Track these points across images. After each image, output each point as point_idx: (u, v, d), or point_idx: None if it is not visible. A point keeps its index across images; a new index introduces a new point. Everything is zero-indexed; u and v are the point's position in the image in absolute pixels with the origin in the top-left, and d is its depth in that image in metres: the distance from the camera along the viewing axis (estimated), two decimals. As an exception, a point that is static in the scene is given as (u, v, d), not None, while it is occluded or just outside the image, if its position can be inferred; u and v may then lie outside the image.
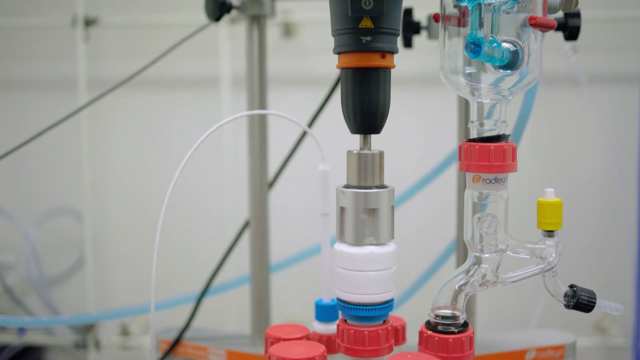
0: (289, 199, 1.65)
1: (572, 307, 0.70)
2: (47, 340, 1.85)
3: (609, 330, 1.77)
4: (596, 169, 1.80)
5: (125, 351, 1.85)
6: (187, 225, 1.85)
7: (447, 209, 1.09)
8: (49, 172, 1.90)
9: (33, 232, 1.86)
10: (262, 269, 0.98)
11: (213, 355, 0.97)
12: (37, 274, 1.88)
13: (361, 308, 0.65)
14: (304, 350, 0.64)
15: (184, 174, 1.71)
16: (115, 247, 1.89)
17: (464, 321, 0.69)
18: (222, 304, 1.63)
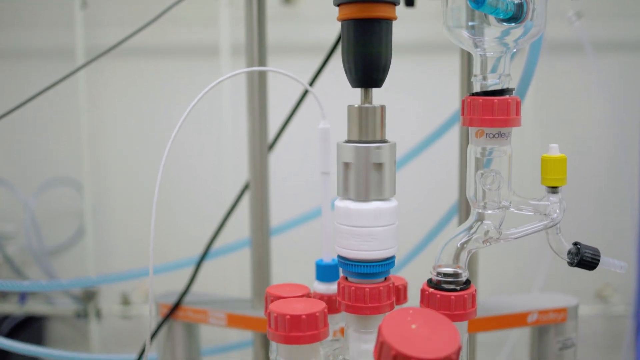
0: (289, 162, 1.64)
1: (576, 264, 0.69)
2: (48, 310, 1.85)
3: (610, 299, 1.77)
4: (599, 136, 1.79)
5: (126, 320, 1.85)
6: (187, 190, 1.83)
7: (449, 171, 1.07)
8: (48, 143, 1.89)
9: (33, 202, 1.85)
10: (263, 231, 0.97)
11: (213, 318, 0.96)
12: (38, 244, 1.87)
13: (362, 265, 0.64)
14: (304, 307, 0.63)
15: (183, 138, 1.71)
16: (115, 216, 1.89)
17: (466, 279, 0.68)
18: (222, 268, 1.62)
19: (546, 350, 0.97)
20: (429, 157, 1.16)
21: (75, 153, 1.81)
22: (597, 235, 1.71)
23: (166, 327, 1.00)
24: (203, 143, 1.81)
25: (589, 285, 1.76)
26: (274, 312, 0.62)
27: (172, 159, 1.78)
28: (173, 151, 1.73)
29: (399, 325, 0.57)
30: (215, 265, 1.26)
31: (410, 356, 0.53)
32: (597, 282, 1.80)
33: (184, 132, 1.74)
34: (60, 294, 1.85)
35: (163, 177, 0.68)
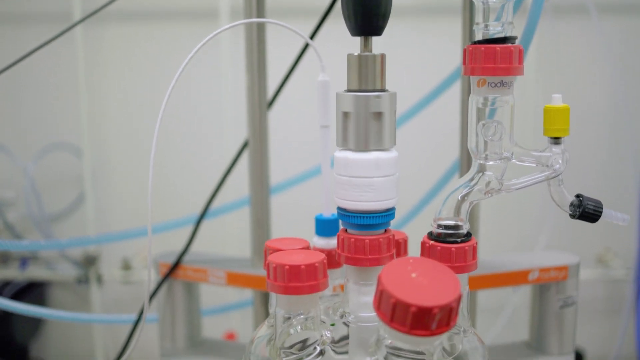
0: (289, 119, 1.62)
1: (578, 216, 0.68)
2: (49, 276, 1.85)
3: (611, 263, 1.77)
4: (602, 92, 1.77)
5: (127, 286, 1.86)
6: (187, 150, 1.82)
7: (450, 129, 1.06)
8: (47, 108, 1.88)
9: (31, 167, 1.84)
10: (262, 189, 0.96)
11: (213, 277, 0.96)
12: (38, 210, 1.87)
13: (362, 216, 0.64)
14: (303, 258, 0.62)
15: (182, 98, 1.69)
16: (115, 182, 1.88)
17: (467, 231, 0.67)
18: (222, 228, 1.62)
19: (547, 308, 0.96)
20: (431, 114, 1.14)
21: (74, 118, 1.80)
22: (599, 190, 1.70)
23: (166, 286, 0.99)
24: (202, 102, 1.79)
25: (589, 249, 1.76)
26: (272, 262, 0.62)
27: (171, 119, 1.77)
28: (172, 111, 1.73)
29: (399, 274, 0.56)
30: (215, 225, 1.26)
31: (410, 304, 0.53)
32: (597, 246, 1.80)
33: (183, 91, 1.73)
34: (60, 259, 1.85)
35: (162, 138, 0.67)
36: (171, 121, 1.78)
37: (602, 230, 1.81)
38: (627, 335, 1.71)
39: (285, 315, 0.66)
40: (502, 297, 1.74)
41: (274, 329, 0.67)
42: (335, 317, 0.68)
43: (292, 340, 0.65)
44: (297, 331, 0.65)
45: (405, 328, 0.54)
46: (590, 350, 1.76)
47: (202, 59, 1.62)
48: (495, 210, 1.70)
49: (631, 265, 1.73)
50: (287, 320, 0.65)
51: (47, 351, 2.02)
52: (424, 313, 0.53)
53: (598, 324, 1.87)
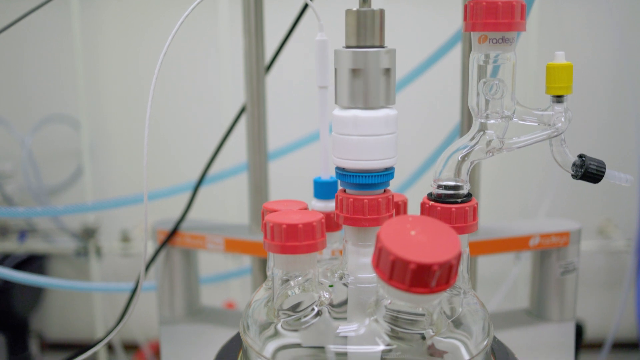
0: (288, 84, 1.60)
1: (580, 177, 0.67)
2: (48, 249, 1.85)
3: (612, 235, 1.76)
4: (605, 53, 1.74)
5: (126, 258, 1.85)
6: (184, 116, 1.81)
7: (451, 93, 1.05)
8: (44, 80, 1.86)
9: (29, 139, 1.83)
10: (260, 155, 0.95)
11: (211, 243, 0.95)
12: (36, 183, 1.86)
13: (361, 175, 0.62)
14: (301, 217, 0.61)
15: (179, 63, 1.67)
16: (113, 154, 1.87)
17: (467, 192, 0.66)
18: (221, 195, 1.61)
19: (548, 275, 0.96)
20: (432, 78, 1.12)
21: (72, 90, 1.78)
22: (602, 151, 1.68)
23: (164, 254, 0.99)
24: (199, 68, 1.77)
25: (590, 221, 1.76)
26: (270, 222, 0.61)
27: (168, 85, 1.75)
28: (169, 77, 1.71)
29: (398, 232, 0.55)
30: (213, 193, 1.25)
31: (410, 260, 0.52)
32: (598, 218, 1.79)
33: (180, 57, 1.71)
34: (59, 232, 1.84)
35: (159, 105, 0.66)
36: (168, 88, 1.76)
37: (603, 202, 1.80)
38: (627, 306, 1.71)
39: (283, 277, 0.65)
40: (503, 269, 1.73)
41: (271, 291, 0.66)
42: (334, 279, 0.67)
43: (290, 302, 0.64)
44: (295, 293, 0.64)
45: (405, 286, 0.53)
46: (590, 322, 1.76)
47: (199, 24, 1.60)
48: (496, 182, 1.69)
49: (632, 237, 1.72)
50: (285, 282, 0.65)
51: (47, 324, 2.02)
52: (423, 270, 0.52)
53: (598, 296, 1.87)
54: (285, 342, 0.64)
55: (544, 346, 0.90)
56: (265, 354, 0.63)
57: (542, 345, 0.90)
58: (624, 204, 1.78)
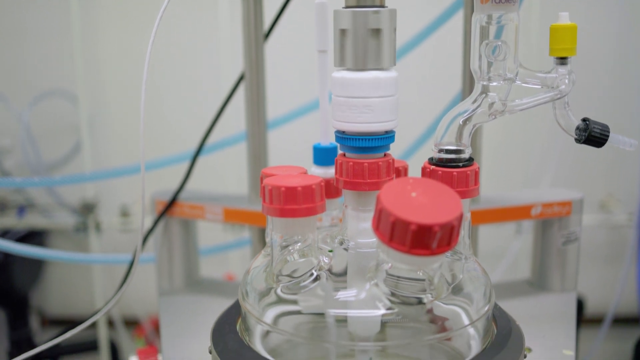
0: (287, 52, 1.58)
1: (584, 141, 0.66)
2: (47, 224, 1.84)
3: (613, 209, 1.75)
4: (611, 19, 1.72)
5: (125, 234, 1.84)
6: (182, 85, 1.78)
7: (453, 61, 1.03)
8: (41, 54, 1.84)
9: (27, 114, 1.81)
10: (259, 123, 0.94)
11: (210, 214, 0.94)
12: (35, 158, 1.85)
13: (361, 138, 0.61)
14: (300, 180, 0.60)
15: (177, 32, 1.65)
16: (112, 129, 1.86)
17: (469, 156, 0.65)
18: (220, 166, 1.59)
19: (549, 245, 0.95)
20: (435, 44, 1.10)
21: (69, 64, 1.77)
22: (606, 116, 1.65)
23: (163, 225, 0.98)
24: (198, 36, 1.75)
25: (592, 196, 1.74)
26: (269, 185, 0.60)
27: (166, 54, 1.73)
28: (167, 46, 1.69)
29: (398, 193, 0.54)
30: (212, 163, 1.24)
31: (410, 221, 0.51)
32: (600, 192, 1.78)
33: (178, 25, 1.69)
34: (58, 207, 1.84)
35: (157, 73, 0.65)
36: (166, 57, 1.74)
37: (605, 177, 1.79)
38: (628, 281, 1.71)
39: (282, 244, 0.64)
40: (504, 243, 1.73)
41: (270, 257, 0.65)
42: (333, 245, 0.66)
43: (289, 267, 0.63)
44: (294, 259, 0.63)
45: (405, 247, 0.52)
46: (591, 296, 1.75)
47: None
48: (497, 156, 1.68)
49: (634, 211, 1.71)
50: (284, 248, 0.64)
51: (47, 300, 2.02)
52: (424, 231, 0.51)
53: (599, 271, 1.87)
54: (285, 309, 0.63)
55: (545, 316, 0.89)
56: (265, 321, 0.62)
57: (543, 315, 0.89)
58: (626, 178, 1.77)
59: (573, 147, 1.65)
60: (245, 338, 0.66)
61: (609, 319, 1.68)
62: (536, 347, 0.78)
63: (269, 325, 0.62)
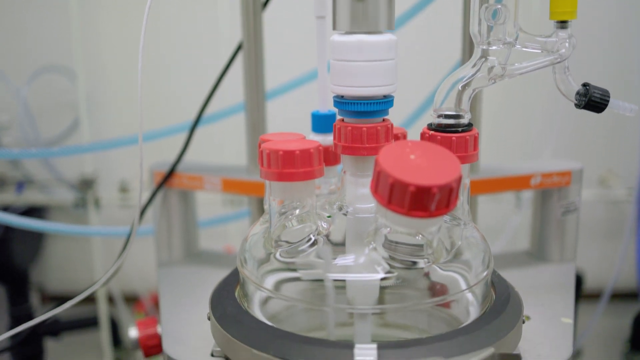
0: (285, 21, 1.56)
1: (584, 106, 0.66)
2: (46, 200, 1.84)
3: (613, 184, 1.75)
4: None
5: (125, 210, 1.84)
6: (180, 55, 1.76)
7: (453, 30, 1.02)
8: (38, 28, 1.83)
9: (25, 90, 1.80)
10: (257, 93, 0.93)
11: (209, 184, 0.94)
12: (33, 135, 1.84)
13: (359, 102, 0.61)
14: (298, 144, 0.60)
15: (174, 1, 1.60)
16: (110, 106, 1.85)
17: (468, 121, 0.65)
18: (218, 137, 1.58)
19: (549, 215, 0.95)
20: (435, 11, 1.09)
21: (66, 39, 1.75)
22: (607, 82, 1.64)
23: (161, 196, 0.98)
24: (196, 4, 1.73)
25: (592, 171, 1.74)
26: (266, 149, 0.60)
27: (164, 24, 1.71)
28: (164, 15, 1.68)
29: (397, 156, 0.54)
30: (210, 134, 1.23)
31: (409, 183, 0.51)
32: (600, 168, 1.77)
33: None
34: (57, 183, 1.83)
35: (154, 44, 0.64)
36: (164, 27, 1.72)
37: (605, 152, 1.78)
38: (627, 256, 1.70)
39: (280, 210, 0.64)
40: (503, 219, 1.72)
41: (269, 223, 0.65)
42: (332, 211, 0.66)
43: (288, 233, 0.63)
44: (292, 225, 0.63)
45: (404, 210, 0.52)
46: (590, 272, 1.75)
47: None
48: (497, 130, 1.67)
49: (633, 185, 1.71)
50: (282, 214, 0.64)
51: (47, 277, 2.02)
52: (422, 193, 0.51)
53: (598, 246, 1.87)
54: (284, 276, 0.63)
55: (544, 286, 0.89)
56: (264, 286, 0.62)
57: (542, 285, 0.89)
58: (625, 153, 1.76)
59: (572, 123, 1.66)
60: (243, 304, 0.66)
61: (607, 294, 1.68)
62: (535, 316, 0.78)
63: (268, 290, 0.62)
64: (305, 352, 0.55)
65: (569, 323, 0.77)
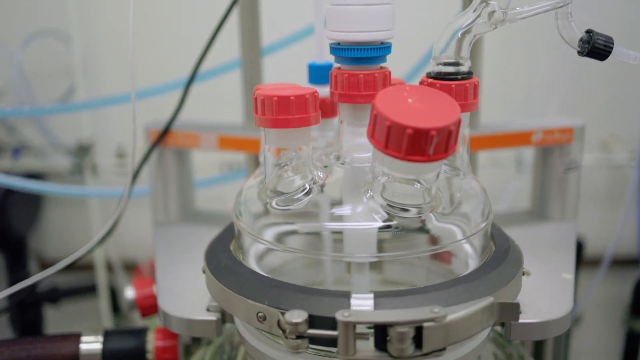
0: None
1: (587, 53, 0.64)
2: (43, 167, 1.82)
3: (614, 149, 1.73)
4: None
5: (122, 176, 1.83)
6: (174, 9, 1.73)
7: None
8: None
9: (19, 54, 1.78)
10: (253, 49, 0.91)
11: (205, 142, 0.92)
12: (29, 100, 1.82)
13: (356, 48, 0.59)
14: (293, 91, 0.59)
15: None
16: (106, 71, 1.82)
17: (468, 69, 0.63)
18: (214, 95, 1.55)
19: (550, 172, 0.93)
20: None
21: (61, 2, 1.72)
22: (611, 29, 1.61)
23: (157, 155, 0.96)
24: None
25: (593, 136, 1.72)
26: (260, 95, 0.58)
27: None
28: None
29: (394, 99, 0.53)
30: (206, 92, 1.22)
31: (406, 125, 0.49)
32: (602, 133, 1.75)
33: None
34: (54, 149, 1.81)
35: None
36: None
37: (606, 115, 1.77)
38: (628, 222, 1.69)
39: (276, 162, 0.62)
40: (502, 185, 1.71)
41: (264, 173, 0.64)
42: (329, 161, 0.65)
43: (283, 183, 0.62)
44: (288, 175, 0.62)
45: (401, 154, 0.51)
46: (590, 238, 1.74)
47: None
48: (497, 94, 1.65)
49: (635, 148, 1.69)
50: (277, 166, 0.62)
51: (45, 244, 2.02)
52: (420, 136, 0.49)
53: (600, 212, 1.86)
54: (281, 229, 0.62)
55: (544, 244, 0.88)
56: (259, 236, 0.61)
57: (542, 243, 0.88)
58: (628, 116, 1.74)
59: (573, 87, 1.64)
60: (239, 256, 0.65)
61: (608, 260, 1.67)
62: (535, 272, 0.77)
63: (264, 241, 0.61)
64: (302, 302, 0.54)
65: (569, 279, 0.76)
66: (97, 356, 0.79)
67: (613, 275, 1.81)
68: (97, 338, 0.80)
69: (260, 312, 0.55)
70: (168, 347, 0.80)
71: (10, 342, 0.81)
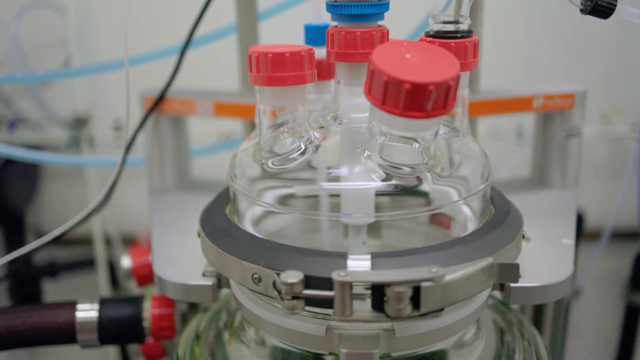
0: None
1: (589, 11, 0.62)
2: (39, 140, 1.81)
3: (615, 121, 1.72)
4: None
5: (119, 149, 1.81)
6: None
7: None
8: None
9: (13, 26, 1.75)
10: (250, 14, 0.90)
11: (200, 108, 0.91)
12: (24, 72, 1.80)
13: (353, 5, 0.58)
14: (288, 48, 0.57)
15: None
16: (102, 42, 1.80)
17: (468, 27, 0.62)
18: (210, 61, 1.53)
19: (551, 139, 0.92)
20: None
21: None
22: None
23: (152, 122, 0.95)
24: None
25: (595, 108, 1.70)
26: (255, 52, 0.57)
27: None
28: None
29: (392, 54, 0.51)
30: (201, 58, 1.20)
31: (404, 80, 0.48)
32: (603, 105, 1.74)
33: None
34: (50, 122, 1.80)
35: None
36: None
37: (608, 88, 1.75)
38: (629, 195, 1.68)
39: (272, 123, 0.61)
40: (502, 158, 1.70)
41: (259, 133, 0.62)
42: (326, 122, 0.63)
43: (279, 145, 0.61)
44: (284, 137, 0.61)
45: (399, 110, 0.49)
46: (590, 210, 1.74)
47: None
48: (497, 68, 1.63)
49: (636, 120, 1.68)
50: (272, 127, 0.61)
51: (43, 218, 2.01)
52: (418, 90, 0.48)
53: (600, 185, 1.84)
54: (278, 192, 0.61)
55: (545, 210, 0.87)
56: (255, 198, 0.60)
57: (543, 210, 0.87)
58: (629, 87, 1.72)
59: (574, 57, 1.62)
60: (234, 219, 0.64)
61: (608, 233, 1.66)
62: (535, 238, 0.76)
63: (260, 202, 0.60)
64: (297, 263, 0.53)
65: (569, 244, 0.75)
66: (93, 324, 0.78)
67: (613, 249, 1.81)
68: (93, 306, 0.80)
69: (255, 273, 0.54)
70: (164, 314, 0.80)
71: (6, 310, 0.80)
